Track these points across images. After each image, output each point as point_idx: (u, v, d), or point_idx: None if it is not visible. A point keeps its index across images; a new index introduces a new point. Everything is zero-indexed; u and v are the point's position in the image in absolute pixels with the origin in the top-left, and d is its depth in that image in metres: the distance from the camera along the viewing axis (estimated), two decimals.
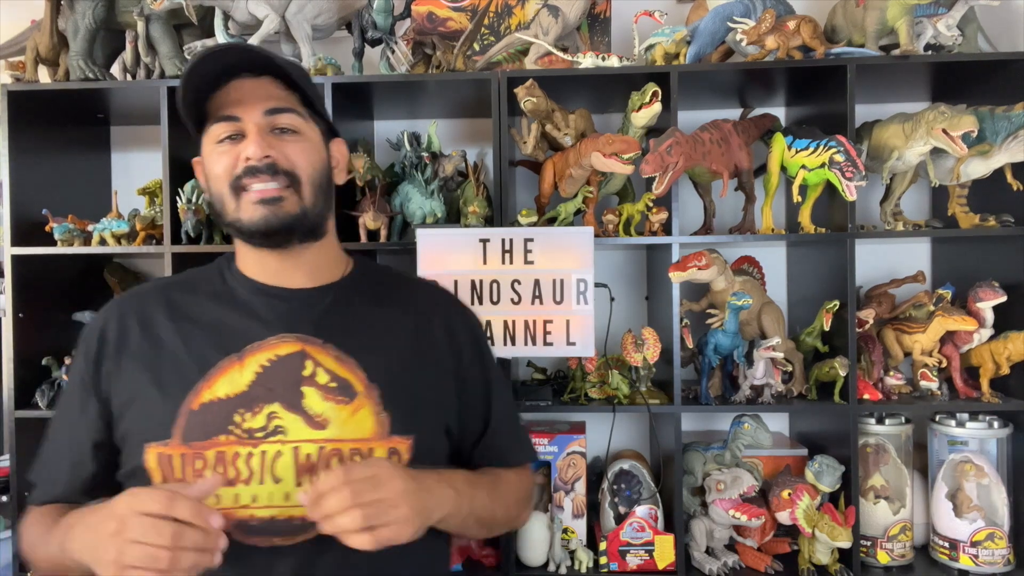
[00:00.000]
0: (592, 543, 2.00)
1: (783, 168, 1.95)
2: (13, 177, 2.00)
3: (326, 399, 1.09)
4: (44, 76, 2.21)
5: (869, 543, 1.94)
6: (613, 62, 1.94)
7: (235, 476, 1.05)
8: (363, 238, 1.99)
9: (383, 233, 1.99)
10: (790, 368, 1.98)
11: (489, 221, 2.00)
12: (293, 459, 1.06)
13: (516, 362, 2.09)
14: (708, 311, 1.98)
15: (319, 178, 1.17)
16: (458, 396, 1.21)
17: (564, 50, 2.04)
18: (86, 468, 1.15)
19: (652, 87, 1.84)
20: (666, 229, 1.93)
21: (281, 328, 1.13)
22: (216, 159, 1.13)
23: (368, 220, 1.97)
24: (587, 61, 1.95)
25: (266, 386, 1.08)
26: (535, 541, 1.92)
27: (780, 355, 1.91)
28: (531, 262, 1.84)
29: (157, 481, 1.06)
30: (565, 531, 1.95)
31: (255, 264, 1.19)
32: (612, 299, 2.12)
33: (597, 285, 1.88)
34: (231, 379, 1.08)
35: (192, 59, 1.11)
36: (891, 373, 2.01)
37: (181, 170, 1.98)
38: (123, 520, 0.91)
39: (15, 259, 1.98)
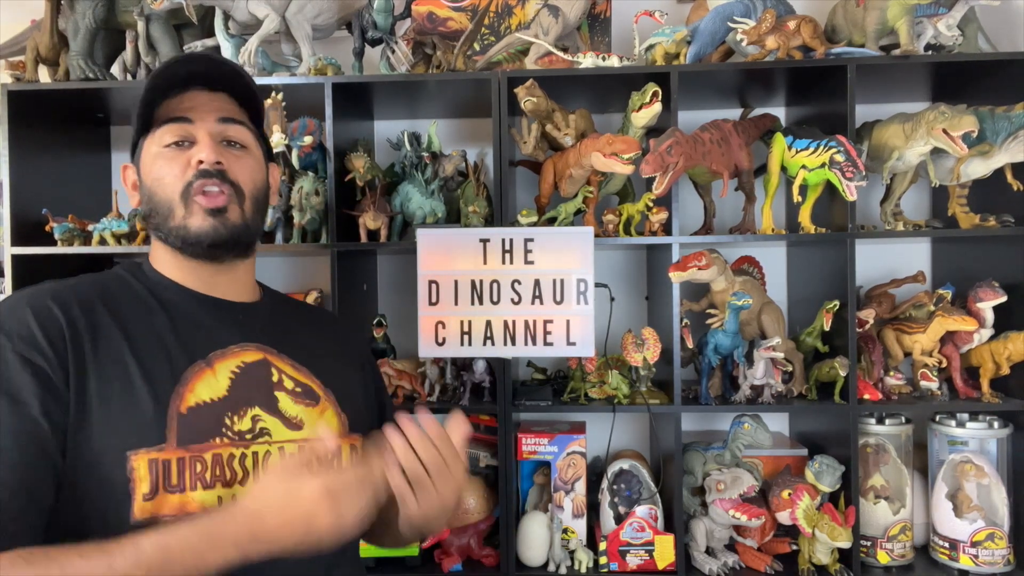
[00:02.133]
0: (592, 543, 2.00)
1: (783, 168, 1.95)
2: (13, 177, 2.00)
3: (296, 403, 1.15)
4: (44, 76, 2.20)
5: (869, 543, 1.94)
6: (613, 62, 1.94)
7: (231, 477, 1.05)
8: (363, 238, 1.99)
9: (383, 233, 1.99)
10: (790, 368, 1.98)
11: (489, 221, 2.00)
12: (280, 458, 1.09)
13: (516, 362, 2.09)
14: (708, 311, 1.98)
15: (259, 196, 1.20)
16: (364, 401, 1.33)
17: (564, 50, 2.04)
18: (44, 494, 0.96)
19: (652, 87, 1.84)
20: (666, 229, 1.92)
21: (237, 337, 1.15)
22: (164, 164, 1.12)
23: (368, 220, 1.97)
24: (587, 61, 1.95)
25: (244, 391, 1.10)
26: (535, 541, 1.92)
27: (780, 355, 1.90)
28: (531, 262, 1.84)
29: (144, 491, 0.98)
30: (565, 531, 1.95)
31: (188, 274, 1.17)
32: (612, 299, 2.12)
33: (597, 285, 1.88)
34: (208, 384, 1.08)
35: (164, 63, 1.13)
36: (891, 373, 2.01)
37: None
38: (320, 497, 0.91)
39: (15, 259, 1.98)
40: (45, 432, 0.95)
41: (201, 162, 1.11)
